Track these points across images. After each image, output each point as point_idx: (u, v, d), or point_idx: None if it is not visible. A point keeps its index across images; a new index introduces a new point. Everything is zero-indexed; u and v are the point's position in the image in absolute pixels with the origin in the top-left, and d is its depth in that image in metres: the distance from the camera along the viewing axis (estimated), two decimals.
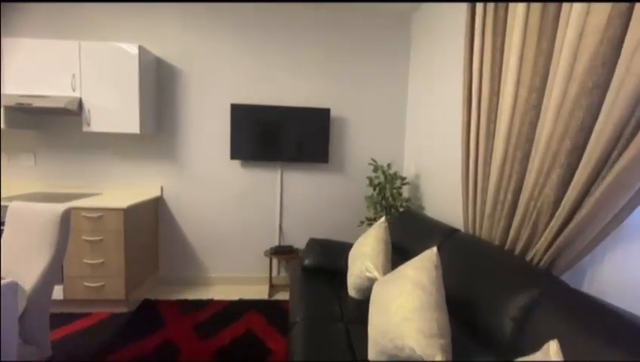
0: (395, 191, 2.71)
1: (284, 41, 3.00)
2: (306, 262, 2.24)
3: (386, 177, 2.76)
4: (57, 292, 2.37)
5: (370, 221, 2.76)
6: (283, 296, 2.90)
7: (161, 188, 3.02)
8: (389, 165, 2.84)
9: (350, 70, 3.08)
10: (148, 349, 2.05)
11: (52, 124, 2.87)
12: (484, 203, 1.76)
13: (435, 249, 1.33)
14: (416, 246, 1.98)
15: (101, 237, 2.40)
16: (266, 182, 3.10)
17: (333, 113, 3.06)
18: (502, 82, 1.63)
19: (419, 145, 2.86)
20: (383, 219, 1.96)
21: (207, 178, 3.05)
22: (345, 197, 3.17)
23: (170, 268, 3.09)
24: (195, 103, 2.99)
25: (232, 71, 2.98)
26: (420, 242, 1.95)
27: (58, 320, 2.33)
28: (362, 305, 1.78)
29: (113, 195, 2.80)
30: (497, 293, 1.24)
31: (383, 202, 2.70)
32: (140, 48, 2.60)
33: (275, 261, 3.12)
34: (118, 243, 2.42)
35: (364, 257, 1.86)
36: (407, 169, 3.08)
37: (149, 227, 2.90)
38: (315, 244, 2.36)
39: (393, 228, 2.24)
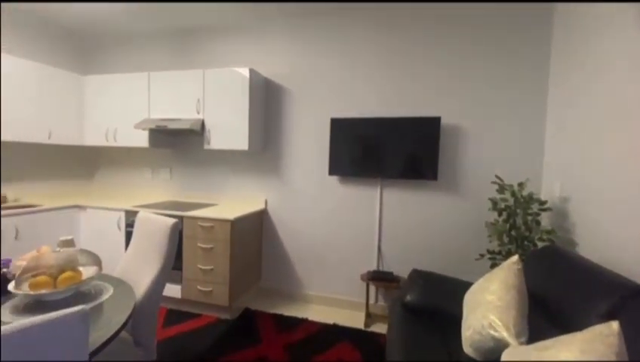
0: (530, 218, 2.09)
1: (385, 43, 2.76)
2: (408, 298, 1.90)
3: (516, 200, 2.16)
4: (177, 291, 2.69)
5: (493, 255, 2.19)
6: (381, 328, 2.58)
7: (266, 202, 3.15)
8: (520, 184, 2.22)
9: (465, 69, 2.60)
10: None
11: (183, 143, 3.36)
12: None
13: (615, 325, 0.84)
14: (567, 304, 1.41)
15: (212, 246, 2.60)
16: (364, 200, 2.87)
17: (444, 121, 2.62)
18: None
19: (567, 157, 2.15)
20: (515, 258, 1.47)
21: (306, 193, 3.03)
22: (458, 223, 2.65)
23: (272, 280, 3.17)
24: (297, 119, 3.03)
25: (332, 85, 2.92)
26: (576, 299, 1.37)
27: (175, 317, 2.61)
28: None
29: (226, 206, 3.04)
30: None
31: (513, 232, 2.11)
32: (251, 71, 2.78)
33: (372, 287, 2.84)
34: (225, 252, 2.58)
35: (488, 308, 1.41)
36: (549, 190, 2.36)
37: (254, 238, 3.04)
38: (418, 278, 1.99)
39: (527, 268, 1.68)
